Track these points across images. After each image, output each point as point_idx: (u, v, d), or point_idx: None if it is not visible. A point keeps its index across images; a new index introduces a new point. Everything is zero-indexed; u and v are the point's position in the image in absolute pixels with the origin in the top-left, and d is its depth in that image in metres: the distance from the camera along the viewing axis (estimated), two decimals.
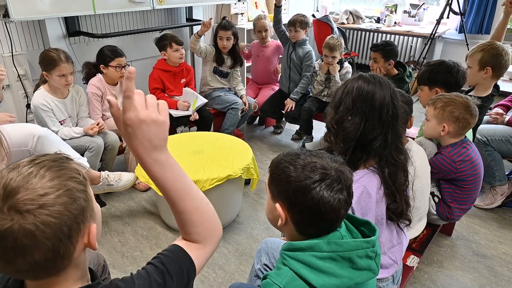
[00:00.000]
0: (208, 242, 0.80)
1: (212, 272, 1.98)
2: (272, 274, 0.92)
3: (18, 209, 0.59)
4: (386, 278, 1.39)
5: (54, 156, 0.69)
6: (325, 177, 0.90)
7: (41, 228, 0.60)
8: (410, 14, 4.80)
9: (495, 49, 2.16)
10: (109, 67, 2.52)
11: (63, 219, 0.62)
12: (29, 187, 0.61)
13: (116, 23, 3.08)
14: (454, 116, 1.79)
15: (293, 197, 0.91)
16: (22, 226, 0.59)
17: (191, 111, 2.92)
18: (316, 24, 4.36)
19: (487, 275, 2.01)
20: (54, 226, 0.61)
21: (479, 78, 2.23)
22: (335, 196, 0.89)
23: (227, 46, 3.12)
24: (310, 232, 0.95)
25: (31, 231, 0.59)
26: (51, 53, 2.23)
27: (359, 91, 1.22)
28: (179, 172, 0.75)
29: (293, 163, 0.93)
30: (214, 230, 0.81)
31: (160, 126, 0.71)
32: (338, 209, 0.90)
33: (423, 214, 1.75)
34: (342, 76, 3.12)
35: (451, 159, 1.82)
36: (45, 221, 0.60)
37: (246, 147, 2.37)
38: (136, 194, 2.63)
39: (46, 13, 2.41)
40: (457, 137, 1.87)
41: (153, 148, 0.70)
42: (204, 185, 2.00)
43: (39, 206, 0.60)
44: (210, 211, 0.81)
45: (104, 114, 2.63)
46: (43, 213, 0.60)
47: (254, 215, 2.45)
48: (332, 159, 0.95)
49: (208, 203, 0.81)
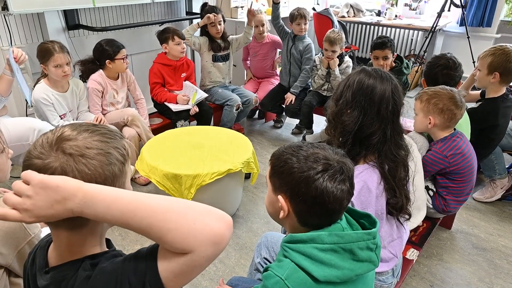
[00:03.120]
0: (194, 249, 0.62)
1: (212, 266, 1.99)
2: (274, 266, 0.92)
3: (64, 150, 0.67)
4: (386, 272, 1.40)
5: (111, 128, 0.77)
6: (328, 167, 0.90)
7: (75, 173, 0.66)
8: (411, 7, 4.78)
9: (505, 55, 2.12)
10: (115, 60, 2.51)
11: (95, 174, 0.68)
12: (79, 139, 0.69)
13: (115, 17, 3.06)
14: (439, 108, 1.80)
15: (296, 188, 0.91)
16: (62, 165, 0.66)
17: (190, 105, 2.92)
18: (317, 18, 4.34)
19: (486, 268, 2.02)
20: (86, 176, 0.67)
21: (487, 82, 2.22)
22: (338, 187, 0.90)
23: (220, 31, 3.11)
24: (313, 222, 0.95)
25: (66, 172, 0.66)
26: (45, 44, 2.22)
27: (360, 84, 1.22)
28: (114, 196, 0.63)
29: (296, 155, 0.93)
30: (201, 232, 0.62)
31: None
32: (341, 199, 0.91)
33: (421, 205, 1.74)
34: (342, 70, 3.11)
35: (442, 155, 1.83)
36: (81, 169, 0.67)
37: (246, 141, 2.37)
38: (136, 188, 2.63)
39: (45, 6, 2.40)
40: (446, 130, 1.87)
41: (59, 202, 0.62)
42: (205, 179, 2.00)
43: (81, 154, 0.67)
44: (185, 214, 0.64)
45: (104, 109, 2.62)
46: (81, 161, 0.67)
47: (254, 209, 2.46)
48: (333, 150, 0.95)
49: (180, 204, 0.65)
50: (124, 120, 2.60)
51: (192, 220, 0.62)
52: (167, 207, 0.63)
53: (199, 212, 0.64)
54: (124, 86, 2.70)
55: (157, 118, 3.04)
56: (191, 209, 0.64)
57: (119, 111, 2.65)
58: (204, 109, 3.02)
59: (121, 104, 2.70)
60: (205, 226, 0.62)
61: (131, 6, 3.12)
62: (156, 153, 2.22)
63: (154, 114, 3.10)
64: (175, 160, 2.14)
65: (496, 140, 2.30)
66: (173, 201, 0.65)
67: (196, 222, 0.62)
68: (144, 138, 2.60)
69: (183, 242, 0.61)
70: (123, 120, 2.60)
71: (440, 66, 2.19)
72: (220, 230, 0.63)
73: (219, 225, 0.64)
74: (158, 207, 0.63)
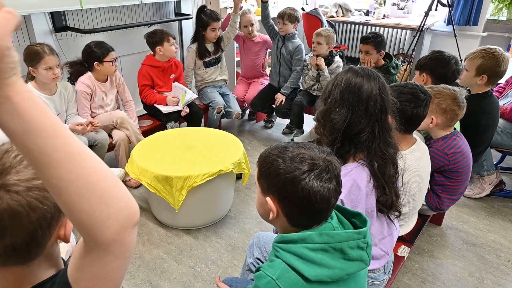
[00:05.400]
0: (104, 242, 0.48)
1: (205, 267, 1.98)
2: (265, 266, 0.92)
3: (8, 188, 0.59)
4: (378, 269, 1.41)
5: None
6: (314, 167, 0.90)
7: (27, 210, 0.59)
8: (398, 6, 4.81)
9: (495, 59, 2.14)
10: (104, 62, 2.48)
11: (49, 206, 0.62)
12: (21, 170, 0.61)
13: (103, 18, 3.03)
14: (442, 108, 1.81)
15: (283, 189, 0.91)
16: (10, 205, 0.58)
17: (180, 106, 2.90)
18: (306, 18, 4.35)
19: (476, 263, 2.04)
20: (39, 211, 0.61)
21: (473, 83, 2.24)
22: (325, 186, 0.90)
23: (217, 35, 3.14)
24: (302, 222, 0.95)
25: (17, 212, 0.59)
26: (34, 47, 2.19)
27: (347, 83, 1.23)
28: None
29: (281, 156, 0.93)
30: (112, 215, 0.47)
31: None
32: (328, 198, 0.91)
33: (416, 211, 1.76)
34: (332, 70, 3.12)
35: (443, 152, 1.83)
36: (32, 204, 0.60)
37: (237, 142, 2.36)
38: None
39: (31, 8, 2.36)
40: (447, 129, 1.88)
41: None
42: (196, 180, 1.99)
43: (28, 188, 0.60)
44: (101, 181, 0.48)
45: (93, 111, 2.60)
46: (31, 196, 0.60)
47: (246, 209, 2.45)
48: (319, 149, 0.96)
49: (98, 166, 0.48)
50: (113, 123, 2.57)
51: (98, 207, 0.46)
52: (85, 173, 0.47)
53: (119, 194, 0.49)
54: (113, 88, 2.68)
55: (147, 120, 3.02)
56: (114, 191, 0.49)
57: (108, 114, 2.62)
58: (194, 110, 3.01)
59: (110, 106, 2.67)
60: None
61: (119, 7, 3.10)
62: (147, 155, 2.20)
63: (144, 116, 3.08)
64: (166, 162, 2.12)
65: (485, 139, 2.32)
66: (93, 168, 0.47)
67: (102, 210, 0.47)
68: (133, 141, 2.58)
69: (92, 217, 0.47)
70: (112, 123, 2.57)
71: (452, 60, 2.17)
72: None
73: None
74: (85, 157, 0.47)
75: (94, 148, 2.42)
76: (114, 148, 2.61)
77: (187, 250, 2.09)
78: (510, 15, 4.24)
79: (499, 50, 2.18)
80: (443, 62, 2.18)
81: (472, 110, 2.23)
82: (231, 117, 3.26)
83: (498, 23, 4.30)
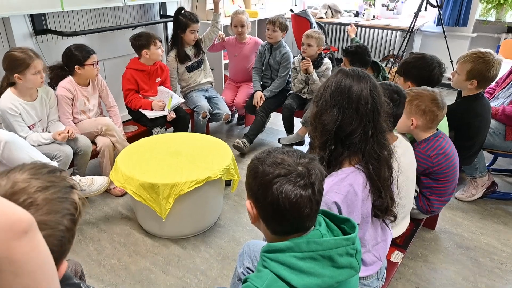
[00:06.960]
0: None
1: (194, 278, 1.91)
2: (253, 277, 0.91)
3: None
4: (371, 276, 1.39)
5: (61, 186, 0.66)
6: (289, 172, 0.89)
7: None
8: (388, 7, 4.81)
9: (485, 64, 2.12)
10: (85, 66, 2.41)
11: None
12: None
13: (86, 21, 2.95)
14: (421, 109, 1.80)
15: (258, 193, 0.92)
16: None
17: (166, 111, 2.83)
18: (295, 19, 4.31)
19: (470, 266, 2.02)
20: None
21: (464, 86, 2.23)
22: (297, 192, 0.88)
23: (196, 37, 3.10)
24: (278, 230, 0.94)
25: None
26: (16, 53, 2.09)
27: (337, 84, 1.23)
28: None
29: (262, 161, 0.94)
30: None
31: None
32: (299, 205, 0.88)
33: (407, 212, 1.75)
34: (322, 72, 3.08)
35: (425, 154, 1.83)
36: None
37: (226, 147, 2.31)
38: (112, 200, 2.53)
39: (10, 10, 2.29)
40: (428, 131, 1.87)
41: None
42: (183, 188, 1.94)
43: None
44: None
45: (75, 117, 2.51)
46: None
47: (236, 217, 2.39)
48: (302, 156, 0.95)
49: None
50: (98, 130, 2.49)
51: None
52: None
53: None
54: (95, 93, 2.59)
55: (132, 126, 2.94)
56: None
57: (92, 120, 2.54)
58: (181, 115, 2.93)
59: (93, 112, 2.59)
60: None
61: (102, 9, 3.02)
62: (132, 162, 2.13)
63: (128, 122, 3.00)
64: (152, 169, 2.06)
65: (477, 141, 2.30)
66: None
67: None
68: (119, 147, 2.50)
69: None
70: (96, 130, 2.49)
71: (435, 64, 2.15)
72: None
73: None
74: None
75: (77, 155, 2.34)
76: (98, 155, 2.52)
77: (175, 260, 2.02)
78: (499, 15, 4.26)
79: (491, 54, 2.15)
80: (427, 70, 2.16)
81: (463, 113, 2.22)
82: (221, 118, 3.19)
83: (487, 24, 4.32)
